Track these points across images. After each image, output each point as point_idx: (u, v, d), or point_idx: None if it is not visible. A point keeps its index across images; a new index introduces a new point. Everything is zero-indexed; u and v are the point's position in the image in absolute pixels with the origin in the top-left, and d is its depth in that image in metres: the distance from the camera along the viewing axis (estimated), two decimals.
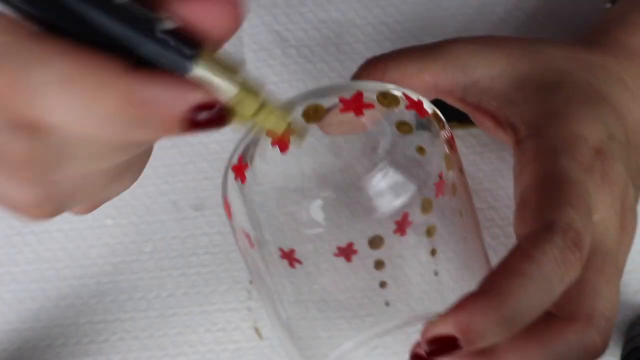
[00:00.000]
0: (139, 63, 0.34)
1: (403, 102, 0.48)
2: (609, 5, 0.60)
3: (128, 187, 0.41)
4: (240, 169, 0.50)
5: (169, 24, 0.33)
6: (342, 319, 0.51)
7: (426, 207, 0.50)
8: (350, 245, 0.50)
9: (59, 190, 0.38)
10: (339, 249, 0.50)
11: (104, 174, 0.39)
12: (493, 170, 0.61)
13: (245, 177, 0.50)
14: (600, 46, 0.55)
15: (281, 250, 0.50)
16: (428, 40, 0.63)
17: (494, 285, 0.44)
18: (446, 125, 0.50)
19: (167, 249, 0.60)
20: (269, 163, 0.51)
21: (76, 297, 0.60)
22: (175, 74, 0.34)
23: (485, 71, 0.53)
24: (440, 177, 0.49)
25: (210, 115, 0.35)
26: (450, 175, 0.49)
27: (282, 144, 0.49)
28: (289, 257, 0.50)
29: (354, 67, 0.58)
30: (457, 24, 0.64)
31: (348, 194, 0.50)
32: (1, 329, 0.59)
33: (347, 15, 0.65)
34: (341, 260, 0.51)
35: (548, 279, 0.44)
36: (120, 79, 0.34)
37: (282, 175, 0.51)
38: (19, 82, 0.34)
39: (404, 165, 0.50)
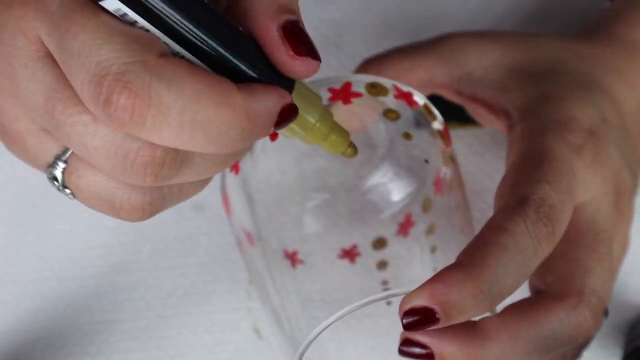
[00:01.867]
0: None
1: (392, 92, 0.48)
2: (608, 3, 0.60)
3: (198, 192, 0.44)
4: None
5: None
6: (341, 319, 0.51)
7: (427, 206, 0.50)
8: (354, 247, 0.50)
9: (160, 196, 0.41)
10: (343, 251, 0.50)
11: (197, 183, 0.43)
12: (493, 170, 0.61)
13: (239, 169, 0.50)
14: (595, 39, 0.56)
15: (284, 250, 0.50)
16: None
17: (470, 257, 0.44)
18: (438, 117, 0.50)
19: (166, 249, 0.60)
20: (269, 159, 0.51)
21: (75, 298, 0.60)
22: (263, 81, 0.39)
23: (479, 62, 0.54)
24: (439, 174, 0.49)
25: (288, 114, 0.40)
26: (447, 170, 0.49)
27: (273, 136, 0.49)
28: (292, 257, 0.50)
29: (353, 67, 0.58)
30: (457, 24, 0.63)
31: (349, 195, 0.50)
32: (0, 330, 0.59)
33: (347, 15, 0.65)
34: (344, 262, 0.51)
35: (522, 251, 0.45)
36: (236, 94, 0.38)
37: (282, 174, 0.50)
38: (151, 100, 0.37)
39: (404, 166, 0.50)
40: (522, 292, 0.47)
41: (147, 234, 0.60)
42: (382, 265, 0.52)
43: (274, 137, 0.49)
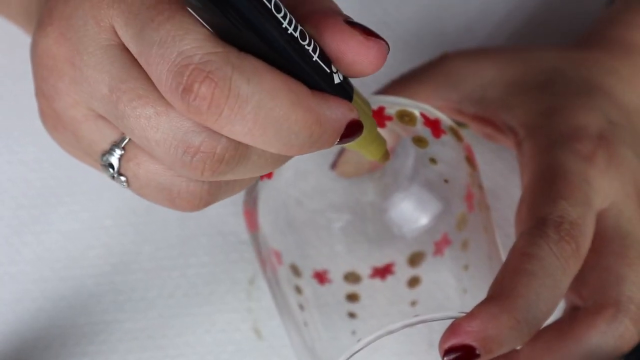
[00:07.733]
0: None
1: (420, 121, 0.49)
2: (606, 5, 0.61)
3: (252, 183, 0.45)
4: None
5: (340, 75, 0.40)
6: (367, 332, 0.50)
7: (462, 223, 0.49)
8: (389, 265, 0.50)
9: (216, 187, 0.42)
10: (374, 269, 0.50)
11: (249, 179, 0.42)
12: (493, 171, 0.61)
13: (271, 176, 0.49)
14: (592, 43, 0.56)
15: (314, 269, 0.50)
16: (428, 39, 0.63)
17: (500, 289, 0.44)
18: (465, 140, 0.50)
19: (166, 249, 0.60)
20: (298, 177, 0.50)
21: (75, 298, 0.60)
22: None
23: (476, 81, 0.54)
24: (469, 190, 0.49)
25: (355, 130, 0.40)
26: (475, 191, 0.49)
27: None
28: (321, 277, 0.50)
29: None
30: (457, 24, 0.64)
31: (377, 215, 0.50)
32: (0, 330, 0.59)
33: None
34: (375, 281, 0.51)
35: (551, 274, 0.44)
36: (310, 98, 0.38)
37: (309, 193, 0.50)
38: (230, 91, 0.37)
39: (432, 186, 0.49)
40: None
41: (148, 235, 0.60)
42: (413, 282, 0.51)
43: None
